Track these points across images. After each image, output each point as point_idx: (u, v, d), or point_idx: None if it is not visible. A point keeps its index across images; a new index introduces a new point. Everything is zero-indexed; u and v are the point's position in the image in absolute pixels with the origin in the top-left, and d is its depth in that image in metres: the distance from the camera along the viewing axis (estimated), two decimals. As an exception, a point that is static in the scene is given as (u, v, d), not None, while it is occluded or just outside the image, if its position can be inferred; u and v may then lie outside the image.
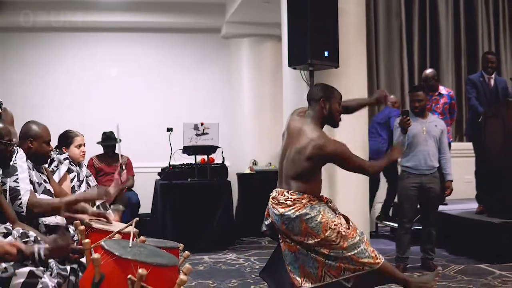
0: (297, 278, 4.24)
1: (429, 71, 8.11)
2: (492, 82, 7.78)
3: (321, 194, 4.31)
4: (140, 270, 3.03)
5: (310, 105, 4.39)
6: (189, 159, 8.19)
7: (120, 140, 7.91)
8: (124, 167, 5.14)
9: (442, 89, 8.03)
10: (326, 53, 5.79)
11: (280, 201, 4.19)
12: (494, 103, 7.53)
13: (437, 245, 6.73)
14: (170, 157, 7.77)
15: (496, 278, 5.87)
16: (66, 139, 5.19)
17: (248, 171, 9.18)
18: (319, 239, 4.07)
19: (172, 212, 7.61)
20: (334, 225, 4.08)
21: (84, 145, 5.27)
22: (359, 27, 6.49)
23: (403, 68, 10.19)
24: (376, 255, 4.12)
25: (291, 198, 4.15)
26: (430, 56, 10.32)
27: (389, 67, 10.18)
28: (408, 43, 10.24)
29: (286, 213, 4.13)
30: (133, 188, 8.25)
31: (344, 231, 4.09)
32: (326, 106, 4.30)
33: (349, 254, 4.07)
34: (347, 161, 4.21)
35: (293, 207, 4.12)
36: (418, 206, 6.49)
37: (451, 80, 10.36)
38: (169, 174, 7.93)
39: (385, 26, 10.18)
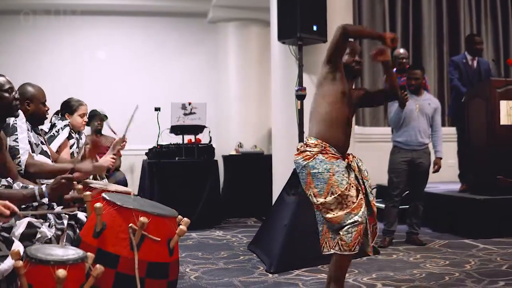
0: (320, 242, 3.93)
1: (402, 50, 8.14)
2: (475, 64, 7.90)
3: (349, 153, 4.00)
4: (141, 218, 3.09)
5: None
6: (176, 140, 8.24)
7: (107, 117, 7.96)
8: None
9: None
10: (315, 27, 5.89)
11: (297, 147, 3.98)
12: (477, 83, 7.65)
13: (420, 226, 6.82)
14: (158, 136, 7.80)
15: (481, 251, 5.99)
16: (71, 106, 5.17)
17: (234, 153, 9.23)
18: (319, 202, 3.77)
19: (159, 190, 7.63)
20: (339, 193, 3.73)
21: (86, 115, 5.28)
22: (347, 2, 6.60)
23: (386, 54, 10.27)
24: (354, 244, 3.73)
25: (304, 143, 3.93)
26: (413, 42, 10.44)
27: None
28: (391, 29, 10.34)
29: (297, 160, 3.89)
30: (120, 169, 8.28)
31: (347, 205, 3.73)
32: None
33: (340, 232, 3.74)
34: (330, 45, 3.95)
35: (302, 154, 3.87)
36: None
37: (433, 65, 10.49)
38: (156, 153, 7.95)
39: (369, 12, 10.29)
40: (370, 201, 3.92)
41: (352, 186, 3.78)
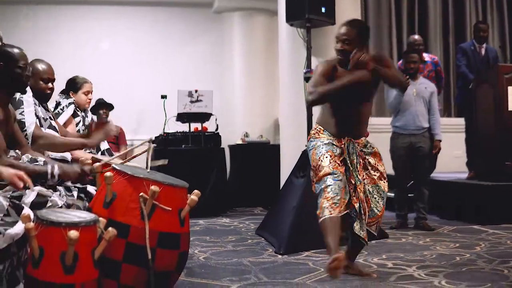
0: None
1: (416, 36, 8.08)
2: (483, 51, 7.85)
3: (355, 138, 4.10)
4: (152, 187, 3.05)
5: None
6: (183, 128, 8.19)
7: (113, 107, 7.90)
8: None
9: (426, 57, 7.87)
10: (323, 9, 5.85)
11: None
12: (485, 70, 7.60)
13: (427, 211, 6.78)
14: (165, 124, 7.77)
15: (490, 235, 5.93)
16: (75, 84, 5.13)
17: (240, 142, 9.19)
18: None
19: (165, 178, 7.59)
20: (313, 165, 4.00)
21: (91, 93, 5.23)
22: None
23: (392, 45, 10.27)
24: (323, 207, 3.82)
25: None
26: (419, 33, 10.33)
27: (378, 45, 10.23)
28: (397, 20, 10.30)
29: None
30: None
31: (317, 174, 3.94)
32: None
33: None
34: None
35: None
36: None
37: (439, 57, 10.37)
38: (163, 141, 7.91)
39: (374, 3, 10.25)
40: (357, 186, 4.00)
41: (327, 157, 3.93)
